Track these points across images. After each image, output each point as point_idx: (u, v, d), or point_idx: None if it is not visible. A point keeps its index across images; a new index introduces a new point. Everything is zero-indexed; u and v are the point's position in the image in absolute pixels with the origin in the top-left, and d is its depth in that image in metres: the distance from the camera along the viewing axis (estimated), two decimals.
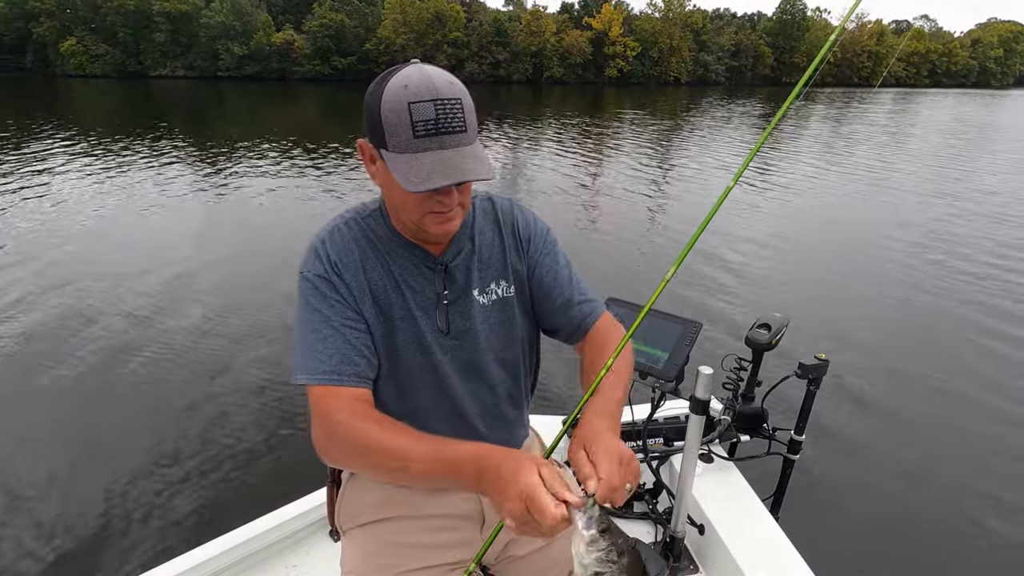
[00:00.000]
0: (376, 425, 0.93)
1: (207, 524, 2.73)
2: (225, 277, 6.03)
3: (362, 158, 1.00)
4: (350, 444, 0.93)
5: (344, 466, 0.99)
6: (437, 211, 0.96)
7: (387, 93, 0.89)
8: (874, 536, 2.76)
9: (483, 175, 0.90)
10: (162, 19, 52.96)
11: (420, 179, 0.87)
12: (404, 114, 0.87)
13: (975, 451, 3.45)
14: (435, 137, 0.88)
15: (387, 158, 0.91)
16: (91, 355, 4.34)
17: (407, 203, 0.96)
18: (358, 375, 0.99)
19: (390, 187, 0.97)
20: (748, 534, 1.69)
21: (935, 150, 16.88)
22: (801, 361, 1.78)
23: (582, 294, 1.16)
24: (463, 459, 0.84)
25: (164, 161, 12.42)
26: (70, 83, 45.74)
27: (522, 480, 0.74)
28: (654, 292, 1.03)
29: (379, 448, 0.91)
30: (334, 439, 0.94)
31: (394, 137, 0.89)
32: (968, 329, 5.11)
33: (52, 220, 7.92)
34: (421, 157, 0.88)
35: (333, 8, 56.41)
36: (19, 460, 3.21)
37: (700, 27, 69.68)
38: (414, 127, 0.87)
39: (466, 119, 0.91)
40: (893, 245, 7.46)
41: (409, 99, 0.87)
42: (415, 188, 0.88)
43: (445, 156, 0.88)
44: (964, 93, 64.13)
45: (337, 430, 0.94)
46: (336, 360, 0.98)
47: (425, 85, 0.88)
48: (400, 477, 0.92)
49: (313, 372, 0.97)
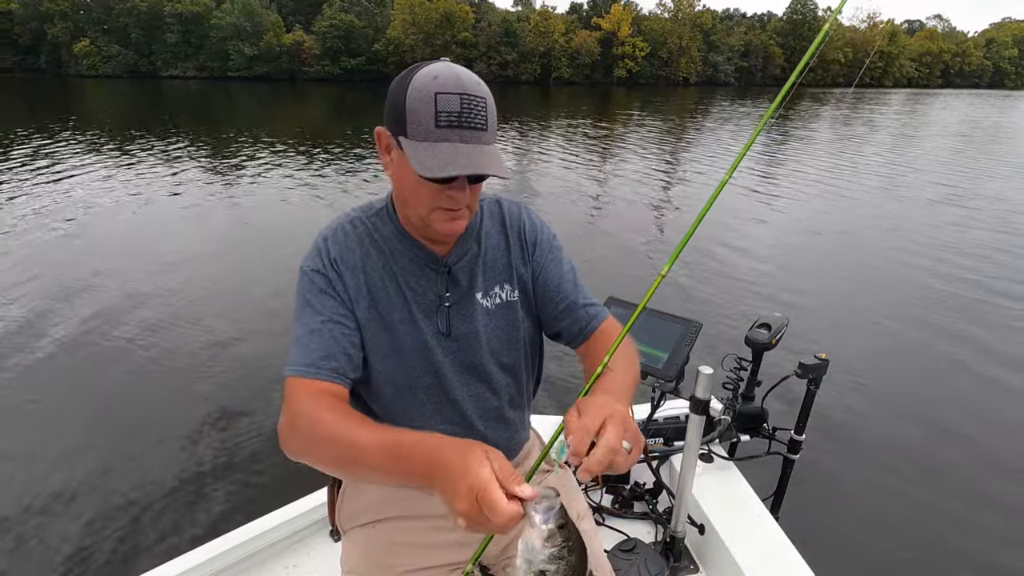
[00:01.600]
0: (333, 415, 0.91)
1: (207, 524, 2.72)
2: (232, 275, 6.06)
3: (377, 146, 0.99)
4: (306, 434, 0.90)
5: (302, 457, 0.91)
6: (446, 207, 0.96)
7: (415, 81, 0.89)
8: (874, 536, 2.75)
9: (500, 172, 0.91)
10: (173, 20, 53.46)
11: (437, 166, 0.87)
12: (430, 103, 0.87)
13: (976, 451, 3.43)
14: (456, 130, 0.88)
15: (405, 145, 0.90)
16: (92, 351, 4.36)
17: (417, 196, 0.96)
18: (336, 371, 0.98)
19: (402, 178, 0.97)
20: (748, 534, 1.69)
21: (945, 152, 16.71)
22: (801, 361, 1.78)
23: (586, 299, 1.16)
24: (413, 453, 0.79)
25: (175, 159, 12.52)
26: (83, 83, 46.22)
27: (472, 474, 0.69)
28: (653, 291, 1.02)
29: (332, 438, 0.87)
30: (293, 430, 0.92)
31: (416, 125, 0.89)
32: (969, 330, 5.08)
33: (65, 214, 8.00)
34: (440, 147, 0.88)
35: (342, 9, 56.70)
36: (19, 459, 3.19)
37: (710, 27, 69.40)
38: (437, 117, 0.88)
39: (488, 119, 0.92)
40: (899, 248, 7.41)
41: (437, 89, 0.88)
42: (430, 174, 0.87)
43: (464, 149, 0.89)
44: (977, 94, 63.38)
45: (297, 421, 0.92)
46: (317, 354, 0.97)
47: (454, 79, 0.89)
48: (355, 470, 0.88)
49: (293, 363, 0.97)
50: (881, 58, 77.64)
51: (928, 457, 3.37)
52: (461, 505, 0.68)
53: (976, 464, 3.31)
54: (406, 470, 0.79)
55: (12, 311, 5.07)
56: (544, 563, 0.68)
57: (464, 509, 0.68)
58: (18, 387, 3.96)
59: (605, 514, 1.94)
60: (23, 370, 4.15)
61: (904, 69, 79.80)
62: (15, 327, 4.78)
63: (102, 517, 2.78)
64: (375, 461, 0.83)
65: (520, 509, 0.67)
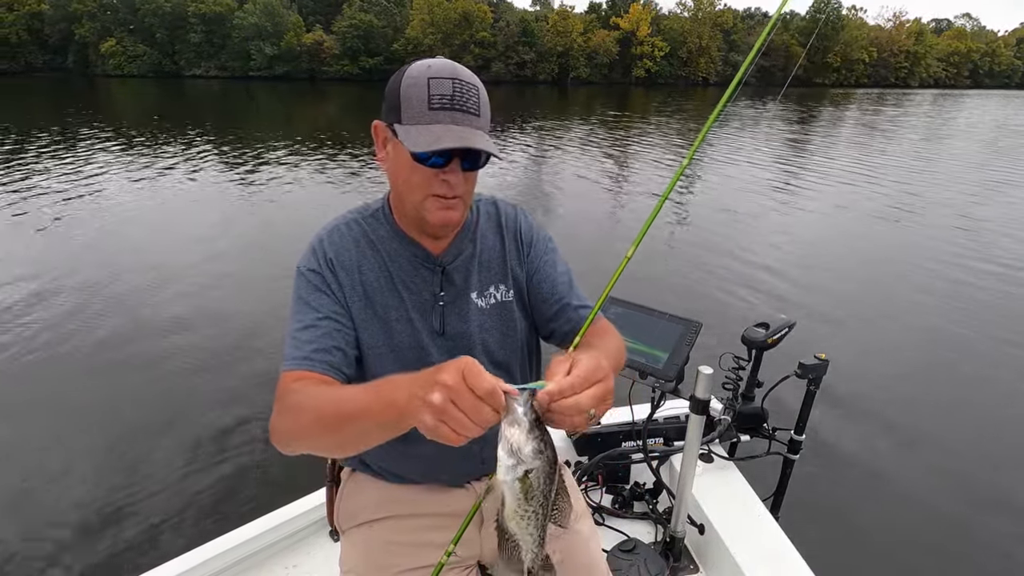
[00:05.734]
0: (319, 387, 0.91)
1: (207, 524, 2.73)
2: (243, 273, 6.13)
3: (375, 141, 1.02)
4: (293, 412, 0.89)
5: (291, 441, 0.88)
6: (440, 193, 0.96)
7: (410, 71, 0.94)
8: (874, 536, 2.73)
9: (492, 149, 0.93)
10: (197, 20, 54.34)
11: (429, 141, 0.89)
12: (423, 88, 0.91)
13: (976, 450, 3.41)
14: (449, 112, 0.91)
15: (399, 131, 0.92)
16: (92, 351, 4.39)
17: (411, 183, 0.97)
18: (331, 364, 0.98)
19: (397, 168, 0.98)
20: (748, 534, 1.69)
21: (966, 155, 16.34)
22: (801, 361, 1.77)
23: (579, 300, 1.16)
24: (396, 379, 0.77)
25: (198, 156, 12.73)
26: (109, 82, 47.19)
27: (458, 360, 0.68)
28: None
29: (316, 405, 0.87)
30: (280, 413, 0.91)
31: (410, 109, 0.91)
32: (972, 331, 5.04)
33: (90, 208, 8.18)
34: (433, 127, 0.90)
35: (362, 9, 57.13)
36: (18, 459, 3.21)
37: (730, 27, 68.63)
38: (430, 99, 0.90)
39: (481, 105, 0.94)
40: (905, 249, 7.35)
41: (430, 75, 0.91)
42: (422, 148, 0.89)
43: (457, 129, 0.91)
44: (1008, 95, 61.80)
45: (285, 402, 0.91)
46: (311, 347, 0.98)
47: (447, 67, 0.93)
48: (341, 425, 0.83)
49: (287, 358, 0.97)
50: (907, 58, 76.11)
51: (928, 457, 3.35)
52: (444, 376, 0.66)
53: (977, 464, 3.29)
54: (388, 399, 0.75)
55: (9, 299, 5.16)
56: (530, 459, 0.68)
57: (447, 380, 0.65)
58: (18, 383, 3.98)
59: (605, 514, 1.94)
60: (25, 365, 4.18)
61: (931, 69, 78.11)
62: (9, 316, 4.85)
63: (102, 517, 2.78)
64: (359, 402, 0.80)
65: (504, 386, 0.67)
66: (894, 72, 75.47)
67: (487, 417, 0.66)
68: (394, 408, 0.73)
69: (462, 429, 0.66)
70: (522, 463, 0.68)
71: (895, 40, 75.08)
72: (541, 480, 0.70)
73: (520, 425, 0.68)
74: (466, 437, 0.66)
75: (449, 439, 0.67)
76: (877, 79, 73.70)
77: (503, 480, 0.70)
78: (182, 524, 2.76)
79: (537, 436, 0.68)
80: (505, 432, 0.68)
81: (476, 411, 0.65)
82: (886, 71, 75.17)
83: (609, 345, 1.02)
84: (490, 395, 0.65)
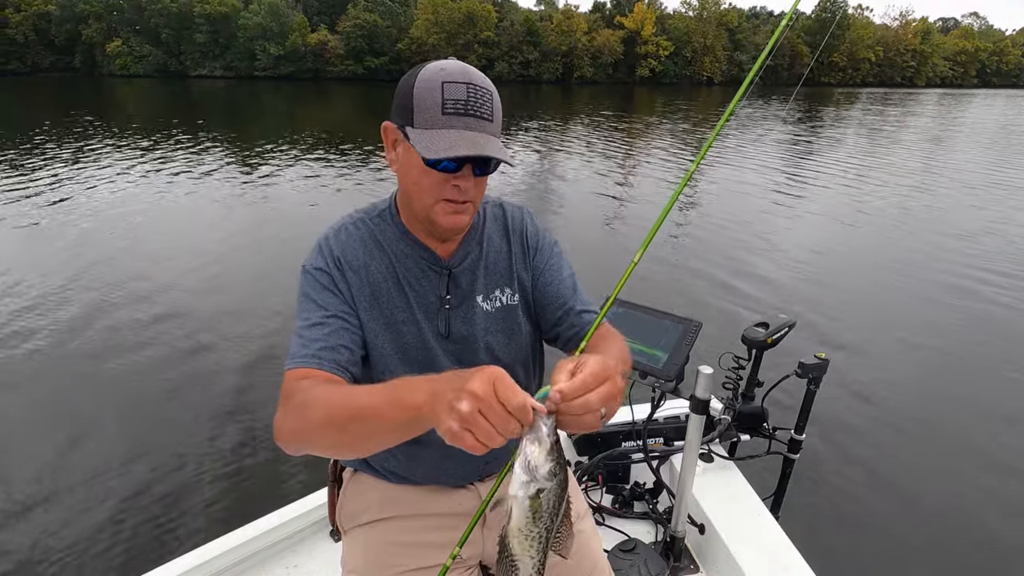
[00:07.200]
0: (328, 386, 0.88)
1: (207, 524, 2.73)
2: (245, 272, 6.14)
3: (384, 141, 1.01)
4: (300, 410, 0.86)
5: (297, 441, 0.86)
6: (451, 198, 0.96)
7: (423, 73, 0.92)
8: (874, 535, 2.72)
9: (505, 157, 0.92)
10: (202, 20, 54.59)
11: (443, 148, 0.88)
12: (436, 92, 0.89)
13: (977, 450, 3.40)
14: (462, 117, 0.90)
15: (411, 134, 0.91)
16: (91, 350, 4.39)
17: (421, 187, 0.96)
18: (337, 363, 0.96)
19: (407, 170, 0.97)
20: (748, 534, 1.68)
21: (973, 155, 16.24)
22: (801, 360, 1.77)
23: (583, 305, 1.16)
24: (412, 380, 0.76)
25: (203, 155, 12.77)
26: (115, 82, 47.42)
27: (488, 369, 0.67)
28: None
29: (327, 403, 0.84)
30: (286, 414, 0.88)
31: (422, 113, 0.90)
32: (973, 331, 5.03)
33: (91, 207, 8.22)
34: (446, 132, 0.89)
35: (367, 8, 57.23)
36: (18, 459, 3.21)
37: (736, 26, 68.39)
38: (444, 104, 0.89)
39: (494, 110, 0.93)
40: (909, 251, 7.32)
41: (444, 79, 0.90)
42: (436, 155, 0.88)
43: (470, 135, 0.90)
44: (1015, 94, 61.38)
45: (292, 400, 0.88)
46: (318, 345, 0.96)
47: (460, 71, 0.91)
48: (352, 425, 0.80)
49: (292, 356, 0.96)
50: (913, 57, 75.71)
51: (930, 457, 3.34)
52: (475, 385, 0.65)
53: (977, 464, 3.28)
54: (405, 400, 0.74)
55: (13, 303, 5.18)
56: (544, 479, 0.68)
57: (477, 388, 0.65)
58: (18, 383, 3.97)
59: (605, 514, 1.94)
60: (26, 365, 4.19)
61: (938, 68, 77.67)
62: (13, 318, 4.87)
63: (102, 517, 2.78)
64: (372, 401, 0.79)
65: (533, 402, 0.67)
66: (900, 71, 75.09)
67: (514, 431, 0.66)
68: (410, 410, 0.73)
69: (487, 439, 0.65)
70: (536, 481, 0.68)
71: (902, 39, 74.68)
72: (551, 502, 0.70)
73: (542, 444, 0.68)
74: (488, 447, 0.66)
75: (473, 448, 0.66)
76: (883, 78, 73.34)
77: (514, 495, 0.69)
78: (183, 524, 2.76)
79: (555, 458, 0.68)
80: (526, 448, 0.68)
81: (504, 424, 0.65)
82: (892, 70, 74.81)
83: (613, 349, 1.02)
84: (520, 410, 0.65)
